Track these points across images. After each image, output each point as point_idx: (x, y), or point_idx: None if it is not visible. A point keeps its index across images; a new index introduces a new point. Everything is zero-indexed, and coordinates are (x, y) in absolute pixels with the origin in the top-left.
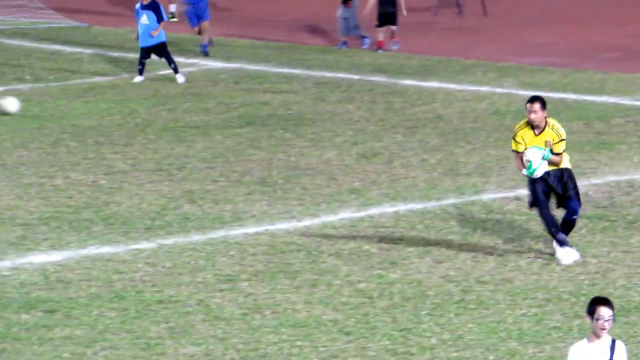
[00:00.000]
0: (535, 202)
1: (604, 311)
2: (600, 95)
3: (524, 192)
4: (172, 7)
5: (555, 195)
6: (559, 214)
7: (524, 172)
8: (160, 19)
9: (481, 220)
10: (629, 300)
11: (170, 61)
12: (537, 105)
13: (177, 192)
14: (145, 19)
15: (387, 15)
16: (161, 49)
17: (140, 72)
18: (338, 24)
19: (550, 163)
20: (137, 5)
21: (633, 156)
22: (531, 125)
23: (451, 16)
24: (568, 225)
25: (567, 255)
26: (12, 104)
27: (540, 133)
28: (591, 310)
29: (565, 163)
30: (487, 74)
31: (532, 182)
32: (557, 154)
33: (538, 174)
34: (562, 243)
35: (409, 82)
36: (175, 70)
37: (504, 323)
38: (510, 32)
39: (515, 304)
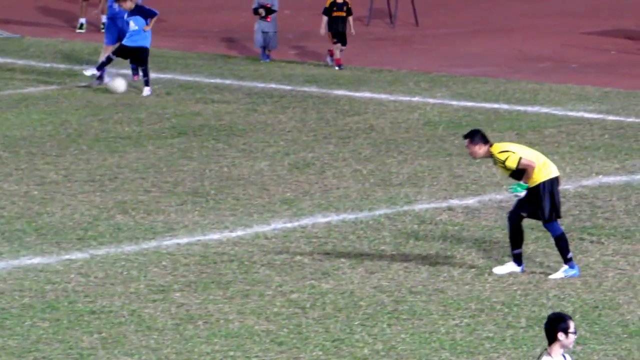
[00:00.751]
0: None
1: (575, 325)
2: (532, 106)
3: (456, 202)
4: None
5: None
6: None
7: None
8: (151, 15)
9: (413, 231)
10: (562, 311)
11: (145, 73)
12: (466, 142)
13: (110, 202)
14: (132, 24)
15: (337, 34)
16: (143, 54)
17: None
18: (255, 37)
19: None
20: (125, 15)
21: (566, 167)
22: None
23: (383, 26)
24: (556, 243)
25: (505, 267)
26: (120, 84)
27: (495, 165)
28: (564, 327)
29: (538, 178)
30: (419, 84)
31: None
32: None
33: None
34: (513, 257)
35: (341, 93)
36: (147, 83)
37: (436, 333)
38: (443, 42)
39: (447, 314)
